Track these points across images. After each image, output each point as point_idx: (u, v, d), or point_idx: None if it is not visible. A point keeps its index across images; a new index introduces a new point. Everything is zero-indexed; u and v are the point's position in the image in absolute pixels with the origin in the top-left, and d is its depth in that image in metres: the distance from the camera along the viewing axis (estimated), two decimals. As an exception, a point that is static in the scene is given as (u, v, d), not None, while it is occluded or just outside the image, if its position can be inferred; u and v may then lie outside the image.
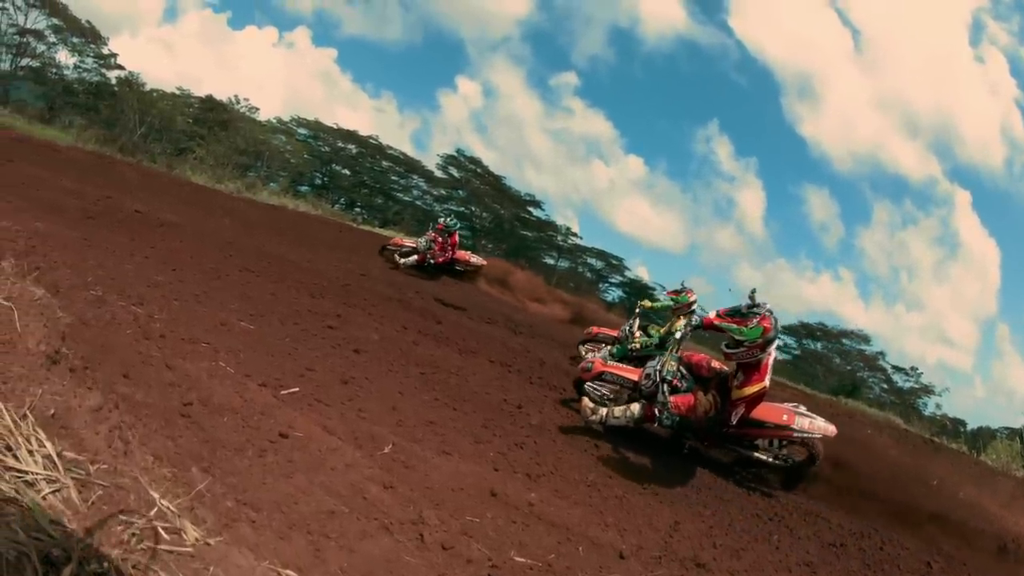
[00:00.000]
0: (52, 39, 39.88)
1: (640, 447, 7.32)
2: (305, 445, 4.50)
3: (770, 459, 7.74)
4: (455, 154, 52.72)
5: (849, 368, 45.34)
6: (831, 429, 7.45)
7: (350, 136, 50.80)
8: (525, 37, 67.87)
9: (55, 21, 39.62)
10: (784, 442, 7.64)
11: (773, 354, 6.97)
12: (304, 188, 45.14)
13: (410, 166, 52.04)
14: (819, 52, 66.01)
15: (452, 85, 79.03)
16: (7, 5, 37.73)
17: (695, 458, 7.62)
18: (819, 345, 47.23)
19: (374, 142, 51.42)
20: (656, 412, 7.09)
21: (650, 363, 7.56)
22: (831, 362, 45.90)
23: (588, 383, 8.08)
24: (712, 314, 7.28)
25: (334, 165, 50.50)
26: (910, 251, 58.32)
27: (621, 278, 52.06)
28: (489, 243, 47.91)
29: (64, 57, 40.72)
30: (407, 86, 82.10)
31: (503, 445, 6.21)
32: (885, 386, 44.29)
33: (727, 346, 6.87)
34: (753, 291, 7.16)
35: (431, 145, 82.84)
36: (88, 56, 41.48)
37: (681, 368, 7.46)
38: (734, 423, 6.93)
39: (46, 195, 11.37)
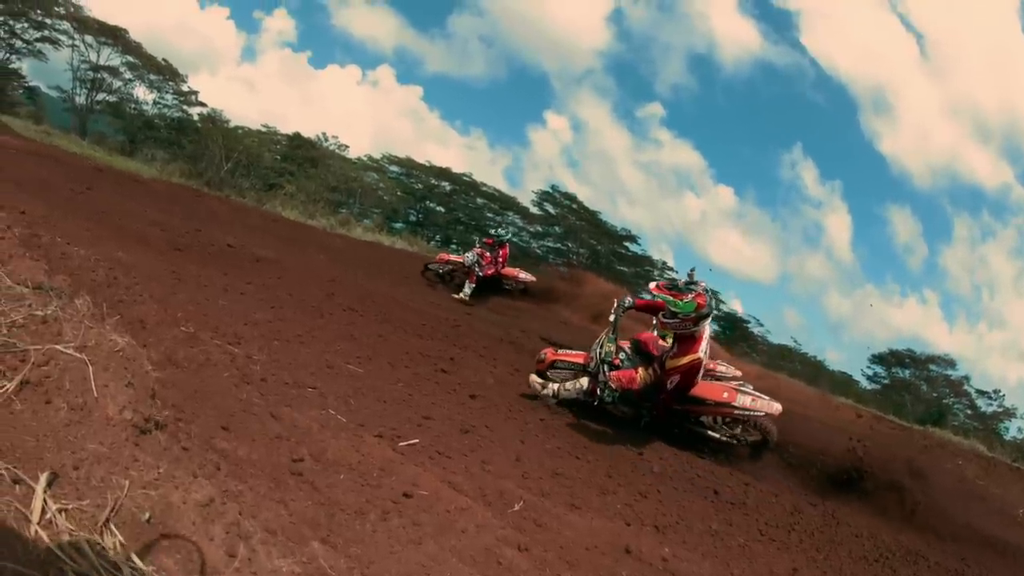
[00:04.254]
0: (128, 75, 40.53)
1: (752, 491, 6.99)
2: (432, 505, 4.08)
3: (723, 438, 8.00)
4: (550, 190, 51.98)
5: (935, 395, 43.63)
6: (775, 407, 7.69)
7: (443, 173, 50.30)
8: (607, 69, 67.15)
9: (129, 58, 40.24)
10: (728, 420, 7.90)
11: (707, 330, 7.37)
12: (398, 225, 44.84)
13: (505, 203, 51.25)
14: (888, 62, 64.28)
15: (540, 120, 78.50)
16: (78, 42, 38.37)
17: (805, 502, 7.23)
18: (907, 373, 45.27)
19: (467, 179, 50.89)
20: (599, 391, 7.53)
21: (593, 345, 8.04)
22: (919, 390, 44.03)
23: (545, 372, 8.34)
24: (653, 285, 7.79)
25: (428, 202, 50.07)
26: (990, 266, 56.21)
27: (716, 312, 50.35)
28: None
29: (142, 93, 41.43)
30: (496, 122, 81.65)
31: (628, 496, 5.90)
32: (969, 412, 42.48)
33: (664, 316, 7.28)
34: (692, 270, 7.84)
35: (524, 181, 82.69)
36: (167, 93, 42.07)
37: (625, 348, 7.99)
38: (670, 390, 7.26)
39: (129, 224, 10.79)
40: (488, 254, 16.80)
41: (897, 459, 8.71)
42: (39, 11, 36.83)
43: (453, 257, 17.58)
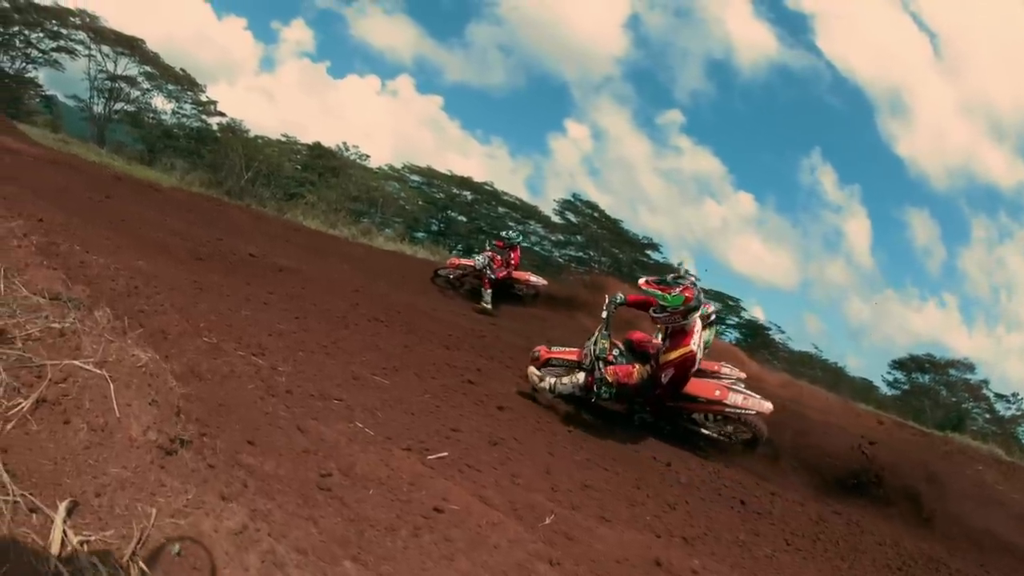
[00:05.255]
0: (146, 85, 40.51)
1: (778, 500, 7.05)
2: (463, 520, 4.04)
3: (715, 435, 8.25)
4: (571, 199, 51.61)
5: (955, 400, 43.39)
6: (766, 406, 7.85)
7: (464, 183, 50.02)
8: (626, 76, 66.75)
9: (147, 68, 40.24)
10: (719, 417, 8.13)
11: (699, 324, 7.51)
12: (420, 234, 44.48)
13: (527, 212, 50.79)
14: (903, 62, 63.60)
15: (561, 128, 78.24)
16: (95, 53, 38.44)
17: (829, 510, 7.25)
18: (927, 378, 45.01)
19: (489, 188, 50.43)
20: (595, 387, 7.61)
21: (587, 342, 8.10)
22: (938, 395, 43.77)
23: (539, 370, 8.40)
24: (642, 281, 7.82)
25: (450, 211, 49.73)
26: (1008, 267, 55.76)
27: (738, 319, 49.83)
28: (606, 289, 46.87)
29: (160, 103, 41.41)
30: (516, 131, 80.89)
31: (657, 507, 5.91)
32: (988, 416, 41.88)
33: (654, 311, 7.45)
34: (680, 263, 8.39)
35: (545, 190, 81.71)
36: (186, 103, 42.08)
37: (618, 345, 8.14)
38: (665, 384, 7.32)
39: (149, 233, 10.71)
40: (499, 257, 16.48)
41: (911, 463, 8.85)
42: (54, 21, 37.07)
43: (463, 261, 17.24)
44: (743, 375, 9.15)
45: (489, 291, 15.80)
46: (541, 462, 5.91)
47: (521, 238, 17.49)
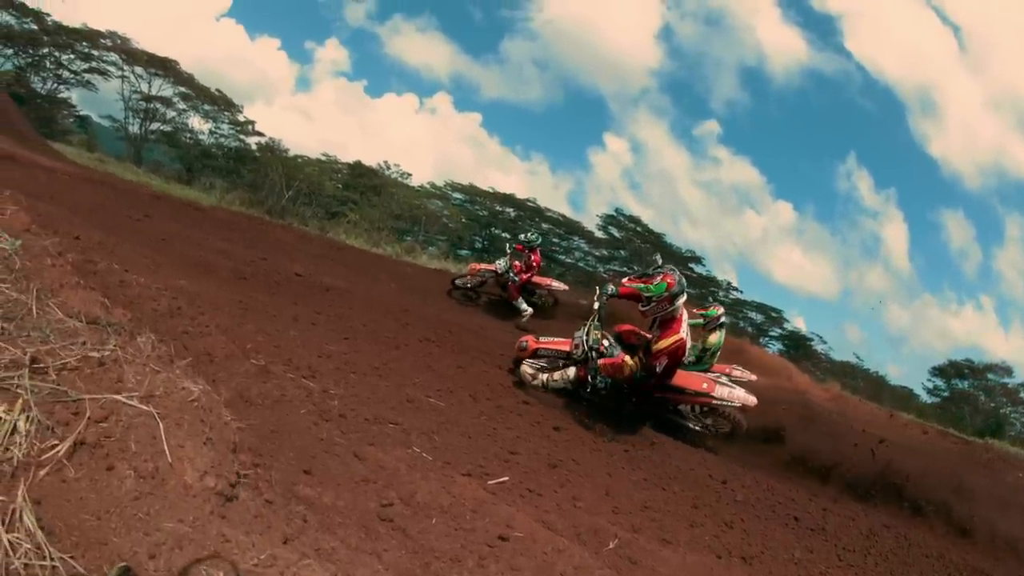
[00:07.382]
0: (181, 106, 40.91)
1: (831, 516, 7.16)
2: (528, 547, 3.95)
3: (697, 427, 8.64)
4: (614, 214, 52.05)
5: (993, 405, 43.12)
6: (751, 399, 8.33)
7: (507, 199, 50.49)
8: (662, 88, 66.96)
9: (182, 89, 40.59)
10: (705, 409, 8.54)
11: (686, 313, 7.69)
12: (464, 252, 45.08)
13: (570, 227, 51.16)
14: (929, 58, 63.77)
15: (600, 143, 78.74)
16: (128, 74, 38.86)
17: (879, 524, 7.39)
18: (966, 384, 44.76)
19: (532, 205, 50.81)
20: (589, 377, 7.88)
21: (577, 333, 8.29)
22: (977, 401, 43.56)
23: (526, 360, 8.63)
24: (625, 280, 8.09)
25: (493, 228, 49.96)
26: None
27: (780, 331, 49.83)
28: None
29: (197, 123, 41.89)
30: (556, 146, 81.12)
31: (715, 527, 6.00)
32: None
33: (641, 306, 7.66)
34: (656, 254, 8.55)
35: (587, 205, 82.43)
36: (223, 122, 42.51)
37: (608, 336, 8.22)
38: (659, 372, 7.53)
39: (190, 252, 10.57)
40: (518, 262, 16.12)
41: (941, 473, 9.11)
42: (85, 43, 37.61)
43: (484, 266, 17.08)
44: (753, 377, 10.24)
45: (520, 299, 15.76)
46: (600, 483, 5.90)
47: (541, 239, 16.85)
